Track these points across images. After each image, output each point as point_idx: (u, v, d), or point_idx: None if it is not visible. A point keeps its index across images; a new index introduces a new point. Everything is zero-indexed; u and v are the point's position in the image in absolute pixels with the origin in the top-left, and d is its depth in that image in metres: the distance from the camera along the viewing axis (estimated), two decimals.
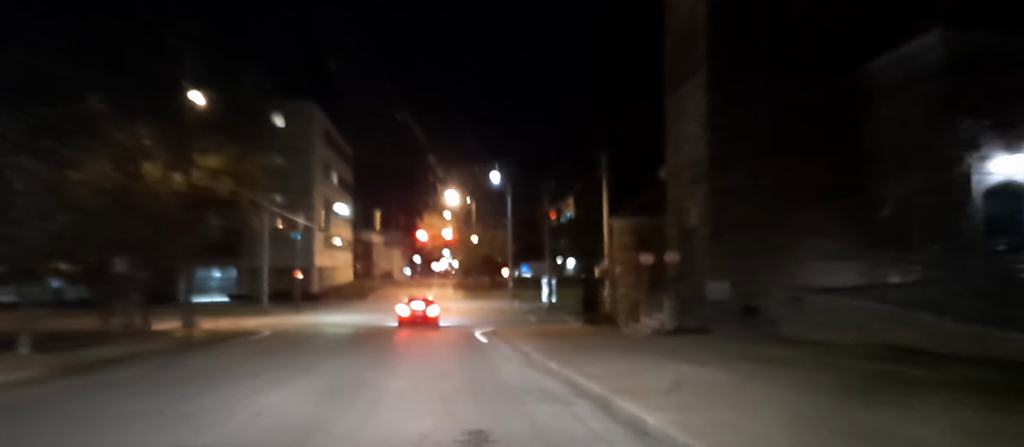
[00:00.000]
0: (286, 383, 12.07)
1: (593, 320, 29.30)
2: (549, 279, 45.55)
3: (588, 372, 11.59)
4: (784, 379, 10.66)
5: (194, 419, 8.63)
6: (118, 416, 8.98)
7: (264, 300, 44.55)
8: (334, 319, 35.95)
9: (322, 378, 12.90)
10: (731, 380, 10.63)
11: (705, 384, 10.22)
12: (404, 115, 61.66)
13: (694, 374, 11.23)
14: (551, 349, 16.84)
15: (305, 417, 8.69)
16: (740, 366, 12.11)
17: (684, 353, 14.49)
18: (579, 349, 17.02)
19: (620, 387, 9.77)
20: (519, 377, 13.00)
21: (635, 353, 15.33)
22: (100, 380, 12.76)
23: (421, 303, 29.99)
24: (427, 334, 26.43)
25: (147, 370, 14.49)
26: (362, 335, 25.85)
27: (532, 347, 17.66)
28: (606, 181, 31.82)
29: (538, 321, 34.11)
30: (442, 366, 15.40)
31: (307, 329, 28.97)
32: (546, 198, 44.12)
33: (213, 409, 9.41)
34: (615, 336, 21.17)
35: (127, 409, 9.47)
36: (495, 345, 21.02)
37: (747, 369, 11.71)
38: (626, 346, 17.58)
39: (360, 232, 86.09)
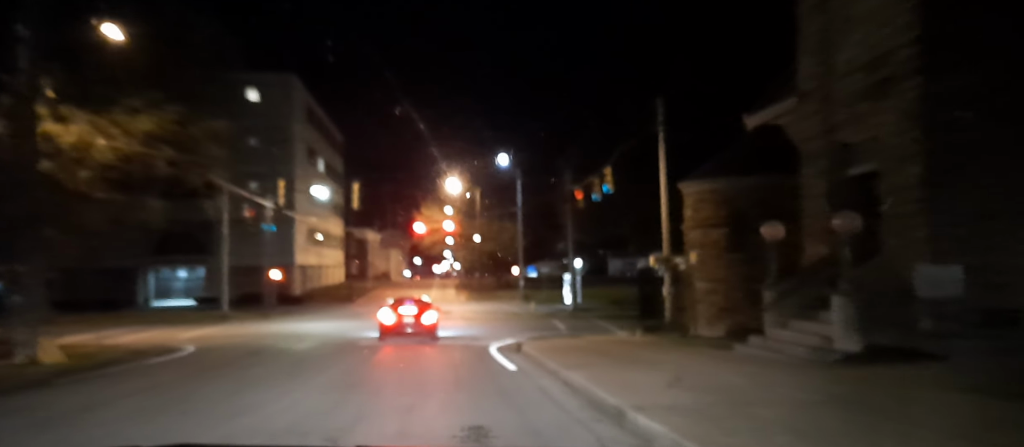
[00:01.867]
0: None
1: (655, 328, 20.43)
2: (574, 276, 36.57)
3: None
4: None
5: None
6: None
7: (224, 304, 35.55)
8: (304, 329, 27.12)
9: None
10: None
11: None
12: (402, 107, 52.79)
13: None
14: (668, 403, 8.12)
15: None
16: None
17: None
18: (730, 402, 8.29)
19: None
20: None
21: (861, 416, 6.64)
22: None
23: (412, 306, 21.15)
24: (419, 351, 17.63)
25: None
26: (326, 354, 17.15)
27: (617, 392, 9.03)
28: (663, 137, 22.97)
29: (571, 330, 25.23)
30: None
31: (255, 345, 20.19)
32: (568, 175, 35.23)
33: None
34: (733, 362, 12.33)
35: None
36: (530, 376, 12.42)
37: None
38: (811, 397, 8.81)
39: (354, 229, 77.05)
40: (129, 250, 47.49)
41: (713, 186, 18.92)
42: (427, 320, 20.67)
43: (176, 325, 29.82)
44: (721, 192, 18.77)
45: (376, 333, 20.91)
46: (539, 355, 15.26)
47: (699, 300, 19.21)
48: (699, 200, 19.29)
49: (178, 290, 51.14)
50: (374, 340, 20.77)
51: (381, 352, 17.54)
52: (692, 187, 19.60)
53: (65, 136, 27.44)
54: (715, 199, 18.86)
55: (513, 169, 49.01)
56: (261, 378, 12.32)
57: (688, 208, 19.86)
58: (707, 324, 18.91)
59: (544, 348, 16.85)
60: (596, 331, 24.72)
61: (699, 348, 15.45)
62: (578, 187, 33.01)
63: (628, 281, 74.65)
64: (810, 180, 14.51)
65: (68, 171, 28.55)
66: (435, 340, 20.62)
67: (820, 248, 14.10)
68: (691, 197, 19.65)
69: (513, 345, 19.49)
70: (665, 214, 22.85)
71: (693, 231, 19.59)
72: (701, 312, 19.14)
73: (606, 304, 38.03)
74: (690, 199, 19.74)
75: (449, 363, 14.88)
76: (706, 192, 19.09)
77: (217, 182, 33.22)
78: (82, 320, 32.34)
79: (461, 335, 22.92)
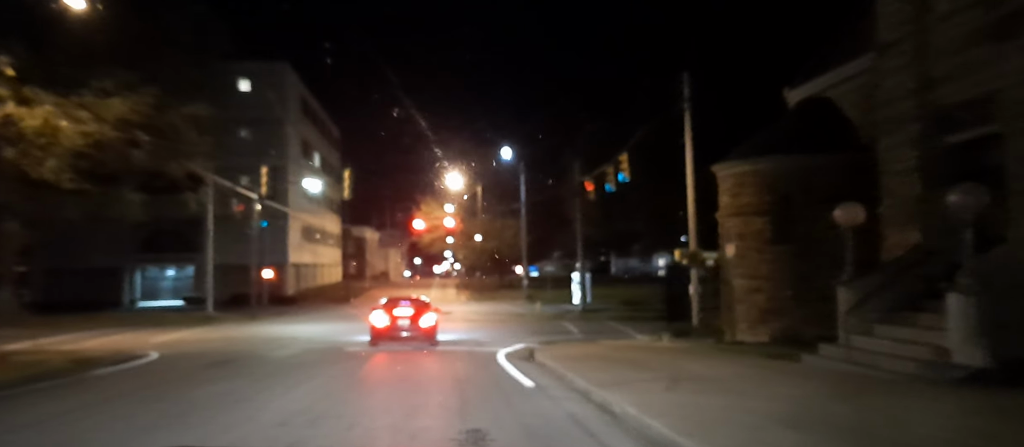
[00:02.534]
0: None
1: (684, 333, 17.61)
2: (583, 275, 33.74)
3: None
4: None
5: None
6: None
7: (209, 305, 32.74)
8: (291, 332, 24.35)
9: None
10: None
11: None
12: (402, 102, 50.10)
13: None
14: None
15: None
16: None
17: None
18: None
19: None
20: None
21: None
22: None
23: (407, 307, 18.33)
24: (415, 361, 14.85)
25: None
26: (306, 364, 14.42)
27: (692, 430, 6.25)
28: (689, 115, 20.20)
29: (584, 334, 22.46)
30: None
31: (229, 351, 17.42)
32: (577, 167, 32.42)
33: None
34: (817, 380, 9.54)
35: None
36: (554, 397, 9.75)
37: None
38: (967, 442, 6.02)
39: (351, 227, 74.22)
40: (114, 248, 44.66)
41: (755, 168, 16.12)
42: (425, 323, 17.87)
43: (154, 327, 27.00)
44: (764, 174, 15.98)
45: (368, 337, 18.11)
46: (558, 366, 12.46)
47: (738, 300, 16.41)
48: (738, 184, 16.49)
49: (166, 290, 48.27)
50: (364, 345, 17.97)
51: (371, 362, 14.73)
52: (729, 170, 16.80)
53: (29, 120, 24.63)
54: (757, 183, 16.06)
55: (516, 163, 46.29)
56: (212, 400, 9.52)
57: (724, 194, 17.07)
58: (748, 328, 16.11)
59: (562, 357, 14.05)
60: (614, 335, 21.93)
61: (752, 359, 12.63)
62: (588, 178, 30.21)
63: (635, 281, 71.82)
64: (892, 153, 11.71)
65: (33, 159, 25.71)
66: (434, 345, 17.82)
67: (909, 235, 11.31)
68: (728, 182, 16.85)
69: (524, 352, 16.69)
70: (692, 203, 20.08)
71: (730, 220, 16.80)
72: (740, 314, 16.34)
73: (617, 304, 35.21)
74: (726, 184, 16.94)
75: (450, 377, 12.08)
76: (746, 175, 16.29)
77: (200, 173, 30.38)
78: (55, 322, 29.50)
79: (463, 339, 20.13)
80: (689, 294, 19.16)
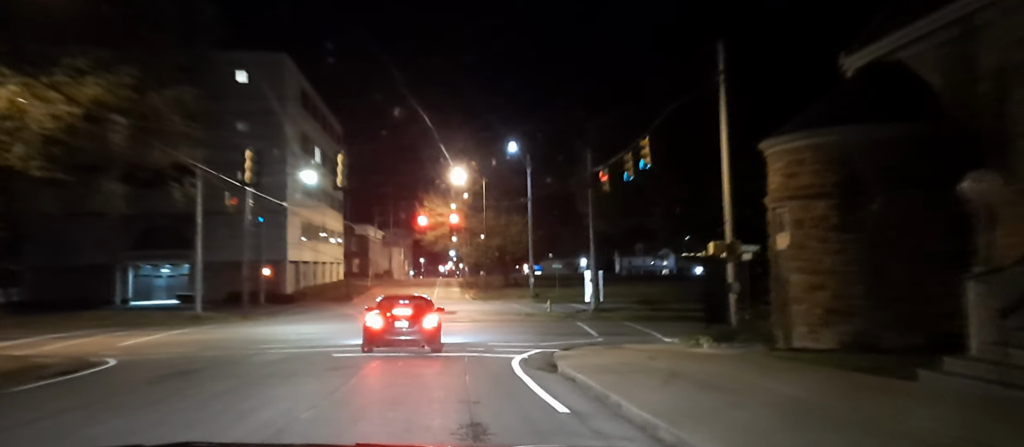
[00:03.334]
0: None
1: (726, 337, 14.74)
2: (595, 272, 30.87)
3: None
4: None
5: None
6: None
7: (198, 304, 30.02)
8: (280, 333, 21.65)
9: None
10: None
11: None
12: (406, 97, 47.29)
13: None
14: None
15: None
16: None
17: None
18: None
19: None
20: None
21: None
22: None
23: (407, 307, 15.52)
24: (414, 371, 12.09)
25: None
26: (282, 377, 11.73)
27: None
28: (724, 88, 17.37)
29: (604, 336, 19.67)
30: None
31: (199, 358, 14.73)
32: (589, 157, 29.59)
33: None
34: (976, 409, 6.58)
35: None
36: (605, 434, 6.77)
37: None
38: None
39: (354, 225, 71.40)
40: (105, 245, 41.83)
41: (815, 142, 13.27)
42: (427, 324, 15.04)
43: (134, 328, 24.25)
44: (828, 149, 13.14)
45: (362, 340, 15.30)
46: (592, 381, 9.67)
47: (794, 299, 13.56)
48: (794, 163, 13.65)
49: (161, 288, 45.48)
50: (357, 350, 15.18)
51: (359, 373, 11.92)
52: (782, 146, 13.95)
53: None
54: (819, 159, 13.22)
55: (522, 156, 43.52)
56: (133, 432, 6.75)
57: (775, 175, 14.23)
58: (808, 332, 13.26)
59: (592, 368, 11.25)
60: (637, 338, 19.14)
61: (844, 374, 9.81)
62: (603, 168, 27.39)
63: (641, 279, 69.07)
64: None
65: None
66: (437, 351, 15.03)
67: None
68: (780, 160, 14.01)
69: (542, 358, 13.90)
70: (727, 188, 17.22)
71: (783, 205, 13.96)
72: (797, 316, 13.50)
73: (632, 303, 32.40)
74: (778, 163, 14.10)
75: (457, 397, 9.28)
76: (804, 151, 13.45)
77: (187, 163, 27.55)
78: (32, 323, 26.80)
79: (470, 343, 17.32)
80: (729, 292, 16.33)
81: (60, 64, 22.50)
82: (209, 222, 40.11)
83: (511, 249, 55.80)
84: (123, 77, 23.82)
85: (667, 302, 33.48)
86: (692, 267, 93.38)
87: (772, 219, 14.48)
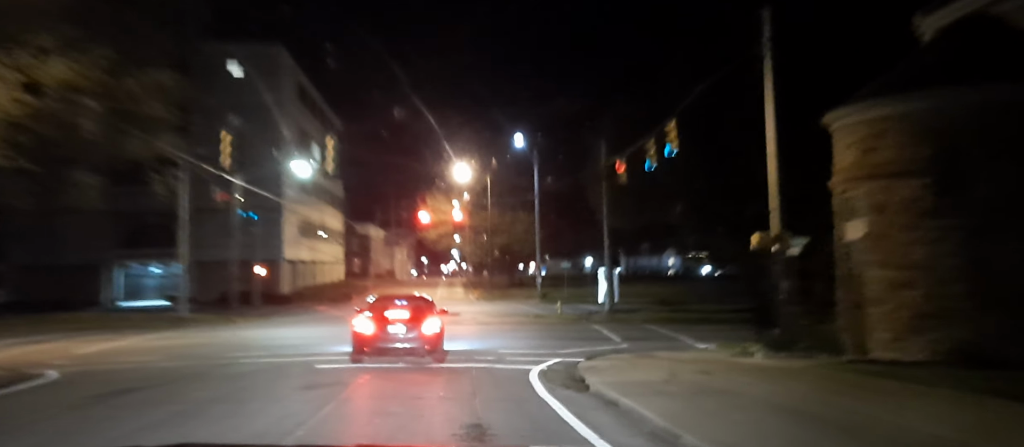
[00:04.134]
0: None
1: (784, 345, 12.14)
2: (610, 271, 28.26)
3: None
4: None
5: None
6: None
7: (182, 305, 27.57)
8: (265, 338, 19.20)
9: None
10: None
11: None
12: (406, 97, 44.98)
13: None
14: None
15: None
16: None
17: None
18: None
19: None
20: None
21: None
22: None
23: (403, 309, 13.05)
24: (408, 390, 9.64)
25: None
26: (242, 397, 9.27)
27: None
28: (770, 59, 14.79)
29: (628, 341, 17.15)
30: None
31: (160, 369, 12.34)
32: (603, 147, 27.06)
33: None
34: None
35: None
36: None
37: None
38: None
39: (355, 224, 68.87)
40: (93, 244, 39.36)
41: (903, 109, 10.74)
42: (428, 329, 12.53)
43: (109, 331, 21.70)
44: (920, 118, 10.60)
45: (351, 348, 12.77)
46: (645, 408, 7.16)
47: (872, 300, 11.02)
48: (872, 136, 11.11)
49: (151, 288, 42.91)
50: (345, 359, 12.67)
51: (343, 394, 9.39)
52: (856, 116, 11.41)
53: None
54: (907, 130, 10.69)
55: (529, 150, 41.01)
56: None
57: (846, 152, 11.68)
58: (892, 340, 10.72)
59: (635, 387, 8.73)
60: (666, 344, 16.61)
61: (985, 399, 7.27)
62: (620, 158, 24.85)
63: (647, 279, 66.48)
64: None
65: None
66: (440, 361, 12.51)
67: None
68: (855, 133, 11.46)
69: (564, 370, 11.39)
70: (773, 171, 14.64)
71: (858, 187, 11.42)
72: (877, 320, 10.96)
73: (649, 304, 29.86)
74: (851, 138, 11.56)
75: (469, 430, 6.75)
76: (887, 120, 10.91)
77: (169, 153, 25.00)
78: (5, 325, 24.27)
79: (478, 350, 14.80)
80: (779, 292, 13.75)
81: (22, 42, 20.07)
82: (201, 219, 37.54)
83: (516, 248, 53.22)
84: (96, 59, 21.40)
85: (685, 303, 30.94)
86: (698, 267, 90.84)
87: (839, 205, 11.94)
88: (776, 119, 14.99)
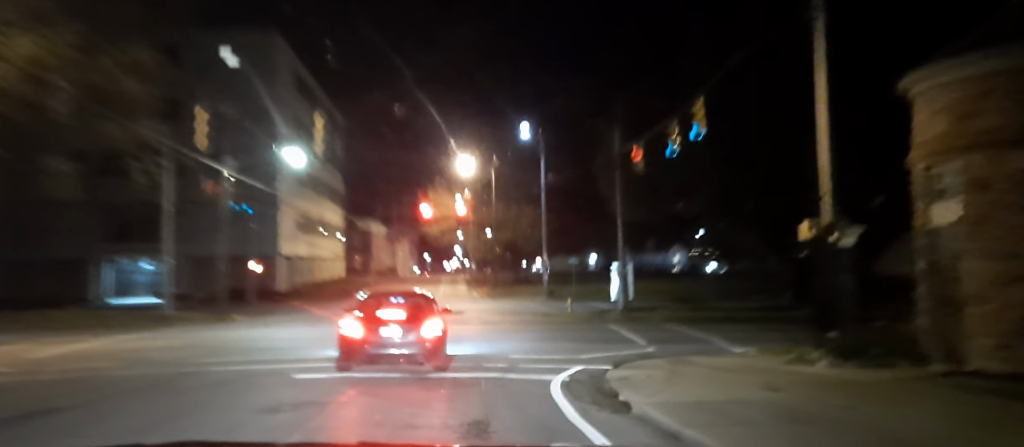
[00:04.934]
0: None
1: (855, 350, 10.03)
2: (624, 266, 26.12)
3: None
4: None
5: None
6: None
7: (167, 302, 25.60)
8: (246, 339, 17.21)
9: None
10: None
11: None
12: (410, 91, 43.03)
13: None
14: None
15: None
16: None
17: None
18: None
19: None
20: None
21: None
22: None
23: (398, 309, 11.01)
24: (402, 414, 7.47)
25: None
26: (196, 422, 6.83)
27: None
28: (823, 20, 12.64)
29: (654, 344, 15.09)
30: None
31: (115, 378, 10.39)
32: (617, 133, 24.93)
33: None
34: None
35: None
36: None
37: None
38: None
39: (357, 219, 66.75)
40: (80, 238, 37.33)
41: (1017, 63, 8.63)
42: (428, 333, 10.48)
43: (83, 331, 19.63)
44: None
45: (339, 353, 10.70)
46: (715, 441, 5.07)
47: (973, 297, 8.93)
48: (972, 98, 9.01)
49: (143, 285, 40.84)
50: (330, 368, 10.61)
51: (316, 419, 7.34)
52: (948, 76, 9.30)
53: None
54: (1017, 89, 8.58)
55: (535, 141, 38.84)
56: None
57: (935, 119, 9.58)
58: (996, 347, 8.65)
59: (690, 408, 6.68)
60: (699, 347, 14.54)
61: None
62: (637, 143, 22.72)
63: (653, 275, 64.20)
64: None
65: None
66: (442, 369, 10.46)
67: None
68: (946, 96, 9.36)
69: (593, 384, 9.32)
70: (825, 150, 12.51)
71: (951, 161, 9.33)
72: (978, 323, 8.87)
73: (665, 301, 27.79)
74: (941, 102, 9.46)
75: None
76: (992, 78, 8.82)
77: (150, 138, 22.91)
78: None
79: (486, 355, 12.73)
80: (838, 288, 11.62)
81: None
82: (193, 213, 35.38)
83: (521, 243, 51.12)
84: (65, 33, 19.36)
85: (703, 300, 28.88)
86: (704, 264, 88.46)
87: (922, 184, 9.84)
88: (829, 90, 12.87)
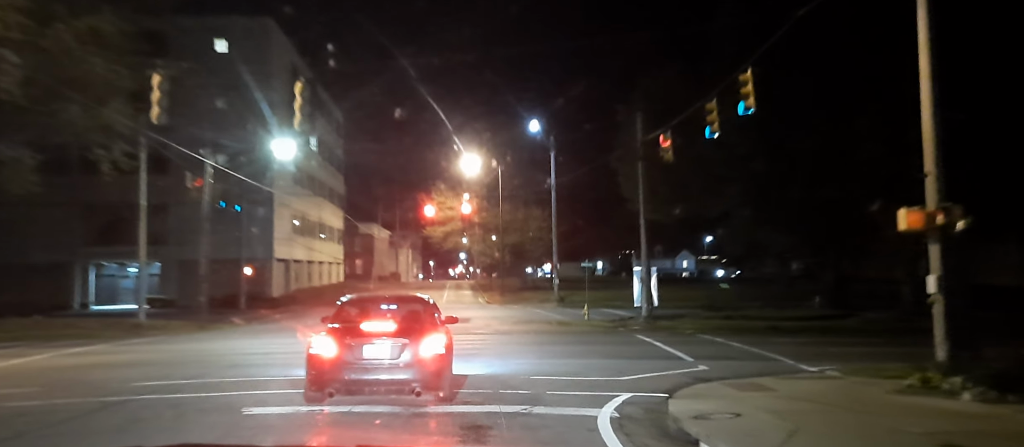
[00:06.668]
0: None
1: (1010, 382, 7.28)
2: (647, 270, 23.24)
3: None
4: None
5: None
6: None
7: (140, 311, 22.93)
8: (214, 353, 14.56)
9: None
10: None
11: None
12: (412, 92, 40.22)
13: None
14: None
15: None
16: None
17: None
18: None
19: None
20: None
21: None
22: None
23: (387, 320, 8.27)
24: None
25: None
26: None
27: None
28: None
29: (703, 360, 12.33)
30: None
31: (25, 409, 7.36)
32: (639, 121, 22.14)
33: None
34: None
35: None
36: None
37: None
38: None
39: (359, 224, 64.05)
40: (62, 241, 34.59)
41: None
42: (427, 351, 7.70)
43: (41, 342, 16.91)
44: None
45: None
46: None
47: None
48: None
49: (128, 290, 38.09)
50: (296, 400, 7.84)
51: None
52: None
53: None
54: None
55: (546, 138, 36.12)
56: None
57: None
58: None
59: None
60: (762, 366, 11.75)
61: None
62: (664, 133, 19.95)
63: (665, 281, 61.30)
64: None
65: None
66: (445, 403, 7.71)
67: None
68: None
69: (656, 422, 6.54)
70: (928, 119, 9.77)
71: None
72: None
73: (691, 308, 24.96)
74: None
75: None
76: None
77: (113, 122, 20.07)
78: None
79: (501, 377, 9.94)
80: (953, 294, 8.79)
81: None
82: (182, 214, 32.84)
83: (528, 247, 48.33)
84: None
85: (734, 306, 26.05)
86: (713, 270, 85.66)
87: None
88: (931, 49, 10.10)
